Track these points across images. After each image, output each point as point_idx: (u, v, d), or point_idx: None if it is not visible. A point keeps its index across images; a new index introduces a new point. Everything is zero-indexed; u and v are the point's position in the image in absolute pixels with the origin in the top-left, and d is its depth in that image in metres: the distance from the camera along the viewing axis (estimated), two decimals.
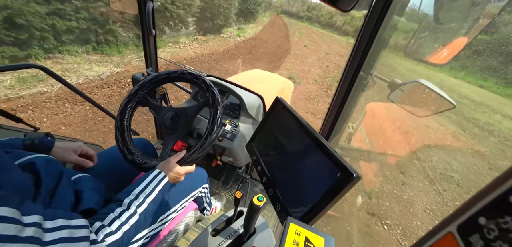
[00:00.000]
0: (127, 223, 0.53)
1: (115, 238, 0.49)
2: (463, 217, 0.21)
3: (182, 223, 0.92)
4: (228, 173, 1.75)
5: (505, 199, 0.18)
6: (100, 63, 5.22)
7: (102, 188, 0.71)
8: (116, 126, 0.82)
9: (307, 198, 0.55)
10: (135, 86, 0.87)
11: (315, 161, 0.57)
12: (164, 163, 0.71)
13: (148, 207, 0.60)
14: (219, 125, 0.77)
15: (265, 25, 16.26)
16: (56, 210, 0.44)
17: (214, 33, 10.42)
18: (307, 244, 0.40)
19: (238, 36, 11.22)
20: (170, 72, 0.87)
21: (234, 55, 8.30)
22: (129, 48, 6.34)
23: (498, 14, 0.69)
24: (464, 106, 6.48)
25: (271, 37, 12.56)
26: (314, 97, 5.89)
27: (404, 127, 4.63)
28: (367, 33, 0.82)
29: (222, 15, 11.08)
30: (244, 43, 10.28)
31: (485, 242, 0.19)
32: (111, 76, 4.75)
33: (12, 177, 0.43)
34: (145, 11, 1.27)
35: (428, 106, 0.99)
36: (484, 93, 8.14)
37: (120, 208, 0.55)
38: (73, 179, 0.62)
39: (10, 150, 0.54)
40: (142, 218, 0.58)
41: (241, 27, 13.44)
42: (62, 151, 0.71)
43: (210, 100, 0.78)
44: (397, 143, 4.10)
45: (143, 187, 0.62)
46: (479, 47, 8.72)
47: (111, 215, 0.52)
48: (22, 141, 0.65)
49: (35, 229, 0.36)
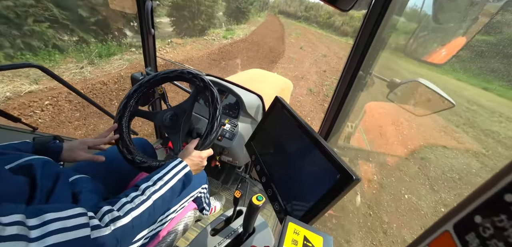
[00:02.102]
0: (138, 208, 0.51)
1: (123, 223, 0.47)
2: (459, 215, 0.21)
3: (181, 223, 0.92)
4: (227, 173, 1.75)
5: (500, 197, 0.19)
6: (8, 79, 3.53)
7: (101, 189, 0.70)
8: (115, 121, 0.82)
9: (306, 199, 0.55)
10: (134, 86, 0.87)
11: (315, 161, 0.57)
12: (182, 153, 0.71)
13: (164, 195, 0.58)
14: (220, 106, 0.78)
15: (259, 25, 15.04)
16: (43, 206, 0.43)
17: (195, 35, 9.10)
18: (305, 243, 0.41)
19: (225, 38, 9.86)
20: (169, 71, 0.87)
21: (215, 61, 7.07)
22: (70, 56, 4.85)
23: (496, 13, 0.69)
24: (476, 115, 5.84)
25: (263, 39, 11.33)
26: (308, 113, 4.71)
27: (411, 144, 3.98)
28: (366, 32, 0.82)
29: (204, 14, 9.53)
30: (231, 46, 8.88)
31: (481, 241, 0.19)
32: (15, 98, 3.20)
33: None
34: (144, 10, 1.27)
35: (427, 105, 0.99)
36: (491, 97, 7.67)
37: (135, 192, 0.54)
38: (71, 180, 0.62)
39: (3, 152, 0.54)
40: (157, 205, 0.55)
41: (231, 28, 12.32)
42: (70, 153, 0.71)
43: (208, 94, 0.79)
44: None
45: (162, 175, 0.60)
46: (482, 48, 8.48)
47: (123, 199, 0.51)
48: (32, 145, 0.65)
49: (18, 227, 0.34)
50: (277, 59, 8.49)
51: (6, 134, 1.16)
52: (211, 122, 0.76)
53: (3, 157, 0.52)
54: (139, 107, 0.92)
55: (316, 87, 6.27)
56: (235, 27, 12.78)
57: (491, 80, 8.52)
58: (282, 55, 9.10)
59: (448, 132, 4.81)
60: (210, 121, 0.76)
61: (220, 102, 0.78)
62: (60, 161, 0.71)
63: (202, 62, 6.76)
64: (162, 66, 4.20)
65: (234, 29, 12.07)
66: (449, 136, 4.63)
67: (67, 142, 0.74)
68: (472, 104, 6.62)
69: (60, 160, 0.71)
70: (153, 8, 1.29)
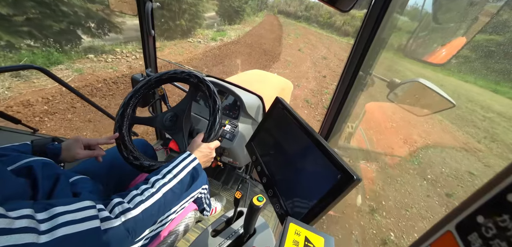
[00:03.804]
0: (148, 201, 0.51)
1: (133, 215, 0.47)
2: (462, 215, 0.21)
3: (182, 224, 0.92)
4: (228, 174, 1.75)
5: (503, 197, 0.19)
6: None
7: (101, 190, 0.71)
8: (115, 130, 0.82)
9: (307, 199, 0.55)
10: (129, 93, 0.87)
11: (315, 162, 0.57)
12: (190, 146, 0.72)
13: (174, 188, 0.58)
14: (219, 98, 0.79)
15: (255, 26, 14.16)
16: (51, 201, 0.43)
17: (176, 38, 8.23)
18: (307, 244, 0.40)
19: (214, 40, 8.98)
20: (162, 74, 0.88)
21: (196, 68, 6.04)
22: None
23: (496, 13, 0.69)
24: (495, 124, 5.20)
25: (258, 40, 10.46)
26: None
27: (432, 172, 3.28)
28: (366, 32, 0.82)
29: (187, 13, 8.30)
30: (219, 49, 7.97)
31: (483, 241, 0.19)
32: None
33: (3, 185, 0.42)
34: (144, 11, 1.27)
35: (427, 105, 0.99)
36: (503, 101, 7.12)
37: (144, 185, 0.54)
38: (71, 181, 0.62)
39: (3, 154, 0.54)
40: (167, 198, 0.56)
41: (222, 28, 11.54)
42: (68, 152, 0.71)
43: (205, 89, 0.80)
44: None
45: (171, 168, 0.61)
46: (492, 49, 8.10)
47: (134, 192, 0.51)
48: (31, 147, 0.65)
49: (27, 220, 0.34)
50: (271, 63, 7.65)
51: (7, 136, 1.16)
52: (213, 114, 0.76)
53: (4, 159, 0.52)
54: (140, 108, 0.92)
55: (314, 97, 5.35)
56: (228, 28, 12.02)
57: (499, 81, 8.09)
58: (278, 58, 8.31)
59: (471, 149, 4.13)
60: (212, 114, 0.77)
61: (218, 95, 0.79)
62: (60, 162, 0.71)
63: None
64: (162, 67, 4.12)
65: (226, 30, 11.34)
66: (474, 156, 3.93)
67: (64, 142, 0.74)
68: (487, 111, 6.01)
69: (61, 161, 0.71)
70: (153, 9, 1.30)
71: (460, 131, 4.84)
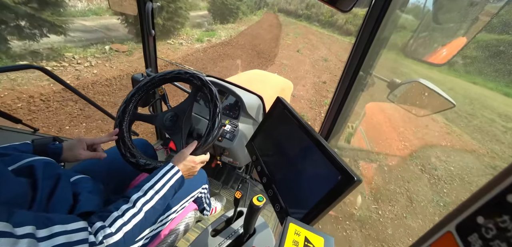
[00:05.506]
0: (130, 223, 0.52)
1: (115, 240, 0.48)
2: (462, 216, 0.21)
3: (182, 224, 0.92)
4: (228, 173, 1.75)
5: (503, 198, 0.18)
6: None
7: (101, 190, 0.71)
8: (116, 126, 0.82)
9: (307, 199, 0.55)
10: (132, 90, 0.87)
11: (316, 162, 0.57)
12: (177, 156, 0.70)
13: (156, 205, 0.58)
14: (220, 103, 0.79)
15: (251, 25, 13.14)
16: (52, 215, 0.44)
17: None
18: (306, 244, 0.40)
19: (200, 41, 7.96)
20: (166, 73, 0.88)
21: None
22: None
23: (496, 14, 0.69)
24: None
25: (253, 41, 9.61)
26: None
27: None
28: (366, 32, 0.82)
29: (164, 11, 7.11)
30: (204, 52, 7.08)
31: (484, 241, 0.19)
32: None
33: (5, 186, 0.43)
34: (144, 11, 1.27)
35: (427, 105, 0.99)
36: None
37: (126, 205, 0.54)
38: (72, 180, 0.62)
39: (4, 153, 0.54)
40: (148, 216, 0.56)
41: (212, 28, 10.47)
42: (70, 152, 0.71)
43: (207, 92, 0.80)
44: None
45: (153, 183, 0.60)
46: (501, 49, 7.75)
47: (115, 214, 0.51)
48: (32, 147, 0.66)
49: (29, 240, 0.36)
50: (264, 67, 6.74)
51: (7, 135, 1.16)
52: (212, 119, 0.76)
53: (5, 159, 0.52)
54: (140, 108, 0.92)
55: (311, 109, 4.38)
56: (219, 27, 10.98)
57: (509, 83, 7.69)
58: (272, 61, 7.44)
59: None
60: (212, 118, 0.76)
61: (219, 99, 0.78)
62: (61, 161, 0.71)
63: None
64: (164, 66, 4.05)
65: (216, 30, 10.27)
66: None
67: (66, 142, 0.74)
68: (507, 121, 5.55)
69: (61, 161, 0.71)
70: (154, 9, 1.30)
71: (483, 147, 4.35)
